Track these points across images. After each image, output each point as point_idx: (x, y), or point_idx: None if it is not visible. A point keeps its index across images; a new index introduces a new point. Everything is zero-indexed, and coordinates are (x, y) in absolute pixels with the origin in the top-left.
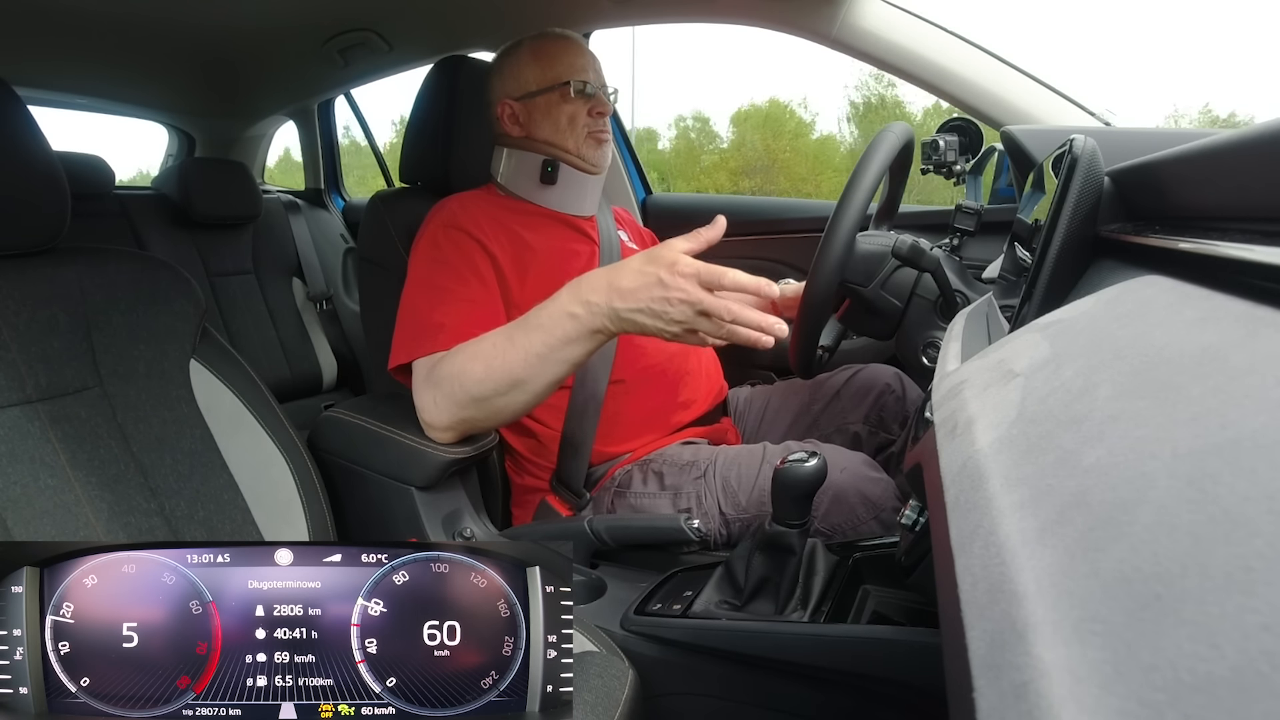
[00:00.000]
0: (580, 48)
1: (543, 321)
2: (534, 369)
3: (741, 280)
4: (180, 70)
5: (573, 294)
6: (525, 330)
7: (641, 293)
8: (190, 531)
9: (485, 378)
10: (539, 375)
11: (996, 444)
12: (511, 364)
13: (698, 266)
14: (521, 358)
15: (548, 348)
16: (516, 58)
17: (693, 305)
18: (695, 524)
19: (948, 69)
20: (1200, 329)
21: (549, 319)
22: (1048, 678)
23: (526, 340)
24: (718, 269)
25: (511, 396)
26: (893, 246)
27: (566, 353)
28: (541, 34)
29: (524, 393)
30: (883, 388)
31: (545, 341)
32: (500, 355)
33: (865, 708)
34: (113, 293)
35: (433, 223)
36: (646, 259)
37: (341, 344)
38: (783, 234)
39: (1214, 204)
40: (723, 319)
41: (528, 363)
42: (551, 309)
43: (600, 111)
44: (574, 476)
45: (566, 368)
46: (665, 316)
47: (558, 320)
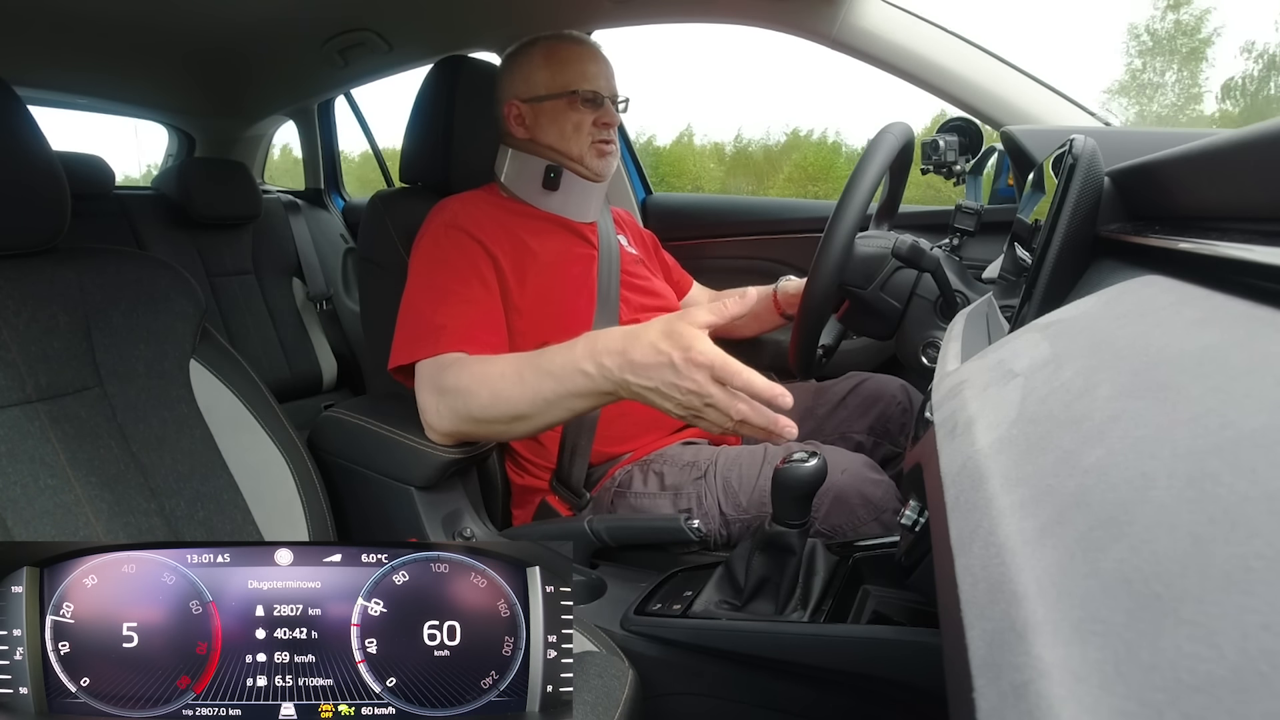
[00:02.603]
0: (594, 54)
1: (554, 370)
2: (539, 410)
3: (755, 385)
4: (180, 70)
5: (588, 350)
6: (537, 372)
7: (654, 372)
8: (190, 531)
9: (490, 406)
10: (542, 415)
11: (996, 444)
12: (517, 401)
13: (712, 358)
14: (529, 398)
15: (556, 396)
16: (529, 59)
17: (702, 398)
18: (695, 524)
19: (948, 69)
20: (1200, 329)
21: (561, 370)
22: (1048, 678)
23: (537, 383)
24: (732, 367)
25: (513, 426)
26: (892, 247)
27: (573, 404)
28: (557, 36)
29: (526, 425)
30: (889, 399)
31: (555, 390)
32: (508, 389)
33: (865, 708)
34: (113, 293)
35: (434, 223)
36: (664, 335)
37: (341, 344)
38: (783, 234)
39: (1214, 204)
40: (730, 417)
41: (534, 404)
42: (564, 359)
43: (606, 122)
44: (574, 476)
45: (570, 415)
46: (673, 400)
47: (570, 374)
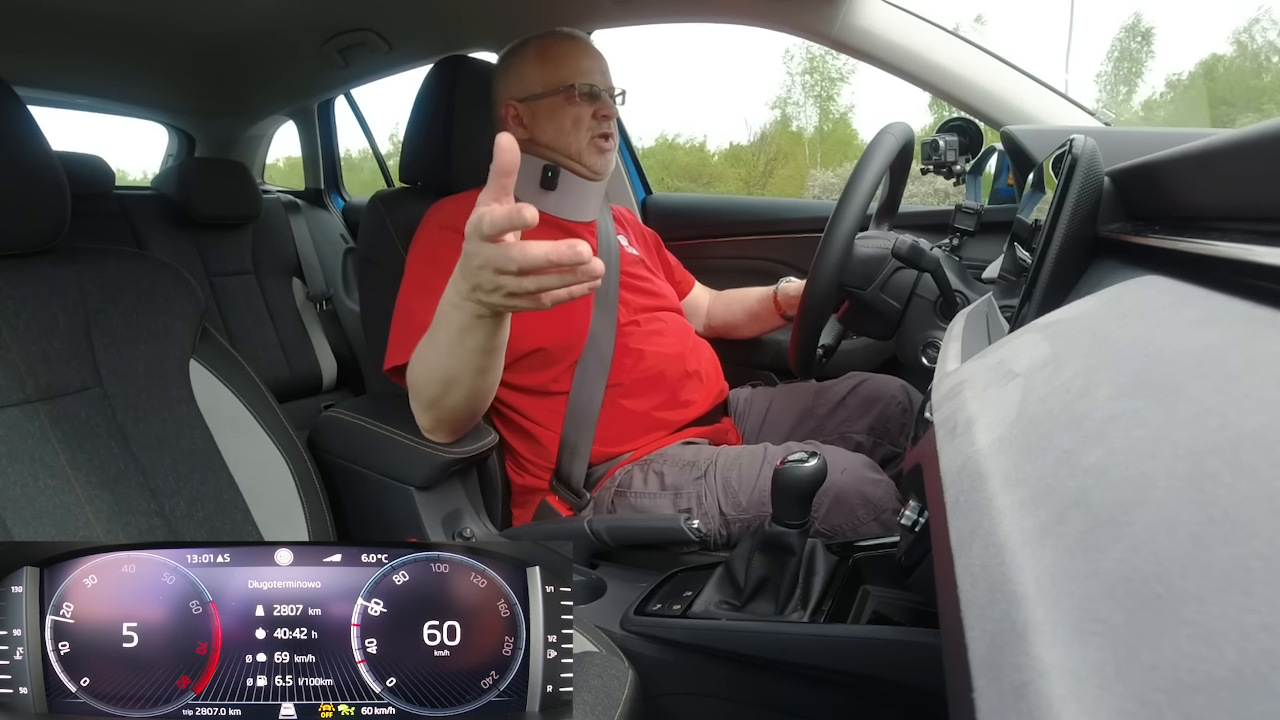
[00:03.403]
0: (587, 48)
1: (439, 323)
2: (452, 365)
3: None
4: (180, 70)
5: (451, 282)
6: (433, 330)
7: (465, 266)
8: (190, 531)
9: (426, 381)
10: (460, 369)
11: (996, 444)
12: (435, 365)
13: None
14: (441, 356)
15: (451, 340)
16: (521, 58)
17: (493, 267)
18: (695, 524)
19: (947, 69)
20: (1200, 329)
21: (441, 314)
22: (1048, 678)
23: (436, 338)
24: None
25: (454, 395)
26: (892, 247)
27: (468, 341)
28: (548, 34)
29: (461, 389)
30: (889, 399)
31: (447, 335)
32: (427, 357)
33: (865, 708)
34: (113, 293)
35: (429, 223)
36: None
37: (341, 344)
38: (783, 234)
39: (1214, 204)
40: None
41: (446, 361)
42: (442, 302)
43: (606, 115)
44: (574, 476)
45: (480, 356)
46: (486, 288)
47: (446, 313)
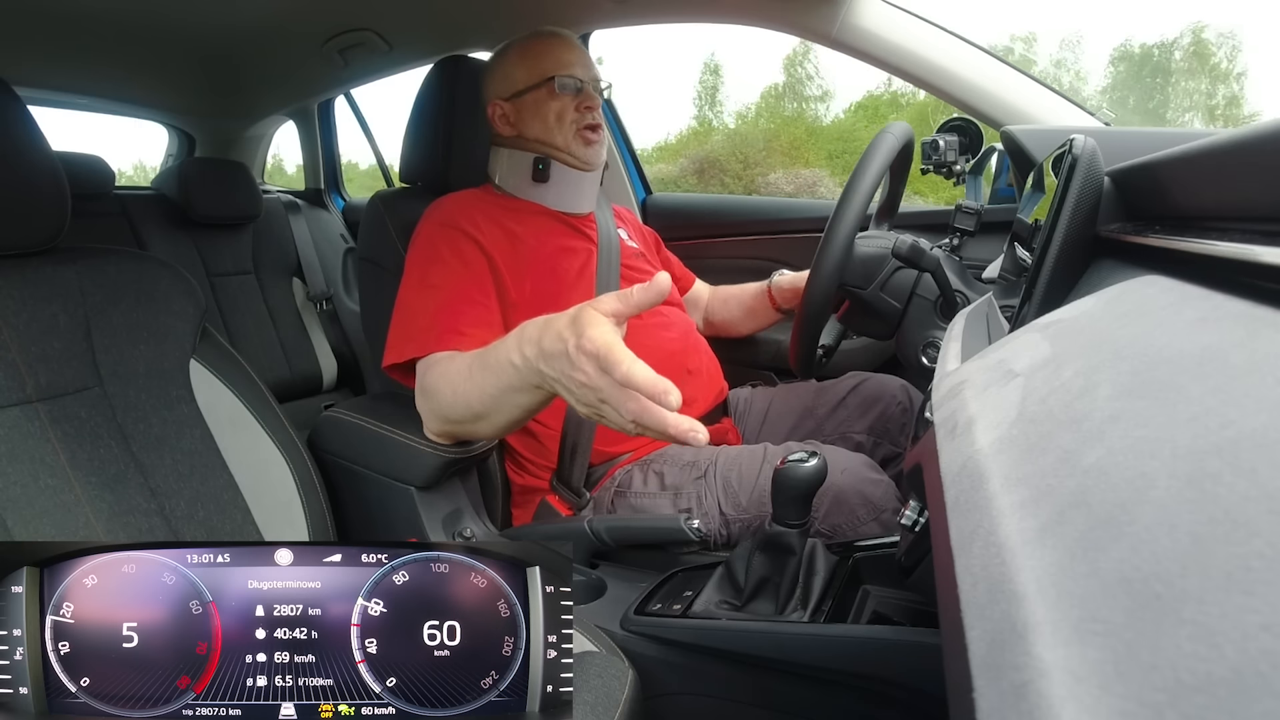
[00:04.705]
0: (567, 43)
1: (492, 364)
2: (490, 408)
3: (635, 378)
4: (180, 70)
5: (517, 339)
6: (483, 369)
7: (556, 362)
8: (190, 531)
9: (452, 404)
10: (496, 413)
11: (996, 444)
12: (470, 399)
13: (599, 345)
14: (479, 395)
15: (498, 391)
16: (505, 58)
17: (594, 391)
18: (695, 524)
19: (948, 69)
20: (1200, 329)
21: (496, 363)
22: (1048, 678)
23: (483, 379)
24: (615, 355)
25: (479, 425)
26: (892, 247)
27: (516, 399)
28: (530, 34)
29: (489, 424)
30: (889, 399)
31: (496, 385)
32: (463, 386)
33: (865, 708)
34: (113, 293)
35: (428, 221)
36: (570, 320)
37: (341, 344)
38: (783, 234)
39: (1214, 204)
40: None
41: (484, 402)
42: (500, 352)
43: (589, 106)
44: (574, 476)
45: (522, 413)
46: (574, 395)
47: (504, 367)
